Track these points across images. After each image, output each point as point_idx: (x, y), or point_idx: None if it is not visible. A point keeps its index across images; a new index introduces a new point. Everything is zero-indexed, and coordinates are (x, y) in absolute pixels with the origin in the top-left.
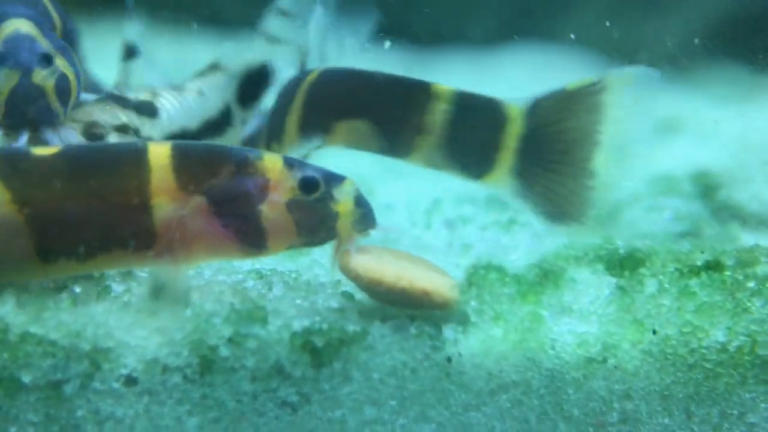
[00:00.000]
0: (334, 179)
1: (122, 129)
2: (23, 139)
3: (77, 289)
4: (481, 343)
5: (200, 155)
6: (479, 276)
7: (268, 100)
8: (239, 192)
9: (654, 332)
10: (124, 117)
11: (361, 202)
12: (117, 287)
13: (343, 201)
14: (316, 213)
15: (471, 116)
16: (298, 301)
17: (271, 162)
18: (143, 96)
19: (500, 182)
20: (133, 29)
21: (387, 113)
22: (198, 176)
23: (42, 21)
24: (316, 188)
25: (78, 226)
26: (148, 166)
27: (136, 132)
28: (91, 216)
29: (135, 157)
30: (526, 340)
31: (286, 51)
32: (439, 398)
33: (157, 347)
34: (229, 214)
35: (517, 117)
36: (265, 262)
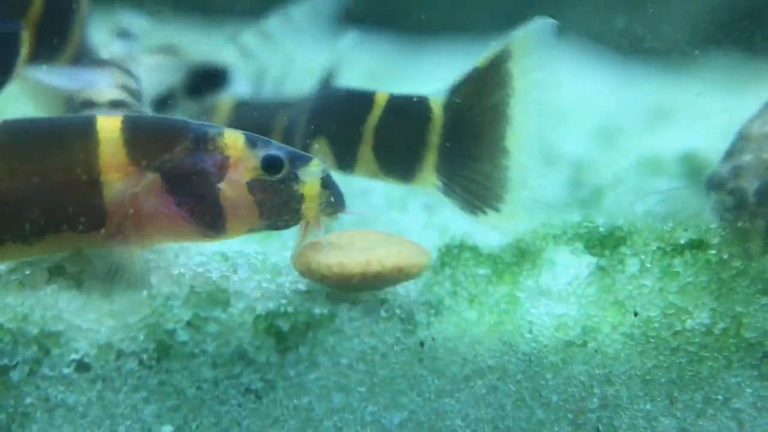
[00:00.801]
0: (299, 159)
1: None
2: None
3: (27, 271)
4: (455, 326)
5: (154, 128)
6: (452, 256)
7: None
8: (195, 169)
9: (635, 314)
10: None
11: (328, 184)
12: (70, 268)
13: (309, 182)
14: (280, 194)
15: (400, 119)
16: (264, 284)
17: (232, 138)
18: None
19: (428, 182)
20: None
21: (336, 129)
22: (151, 151)
23: None
24: (279, 168)
25: (23, 206)
26: (96, 139)
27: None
28: (36, 195)
29: (82, 130)
30: (502, 322)
31: (250, 67)
32: (410, 384)
33: (111, 331)
34: (184, 193)
35: (438, 110)
36: (231, 244)
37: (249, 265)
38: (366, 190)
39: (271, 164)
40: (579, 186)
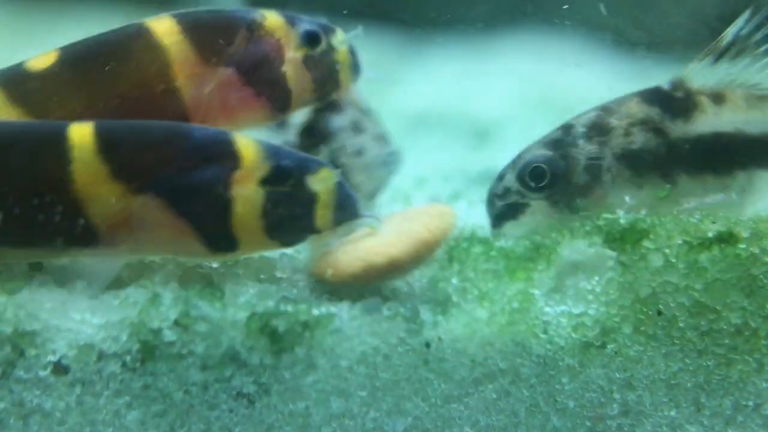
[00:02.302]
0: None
1: None
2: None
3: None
4: (464, 326)
5: (213, 24)
6: (461, 250)
7: None
8: (263, 56)
9: (659, 313)
10: None
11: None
12: (48, 263)
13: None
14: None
15: None
16: (259, 281)
17: (273, 20)
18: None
19: None
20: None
21: None
22: (217, 47)
23: None
24: (318, 42)
25: None
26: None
27: None
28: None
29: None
30: (515, 322)
31: None
32: (415, 389)
33: (92, 330)
34: (258, 81)
35: None
36: None
37: (245, 260)
38: None
39: (312, 39)
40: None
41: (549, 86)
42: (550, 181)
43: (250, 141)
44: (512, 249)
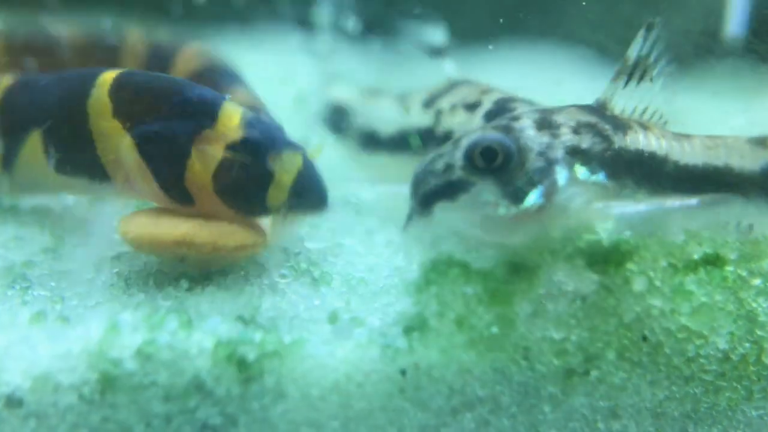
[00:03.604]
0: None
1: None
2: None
3: None
4: (441, 352)
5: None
6: (439, 272)
7: None
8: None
9: (644, 339)
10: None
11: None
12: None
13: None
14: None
15: None
16: (234, 303)
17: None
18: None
19: None
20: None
21: None
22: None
23: None
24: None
25: None
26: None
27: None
28: None
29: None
30: (495, 348)
31: None
32: (390, 419)
33: (47, 360)
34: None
35: None
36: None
37: (217, 280)
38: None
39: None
40: None
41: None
42: (502, 162)
43: (238, 109)
44: (491, 271)
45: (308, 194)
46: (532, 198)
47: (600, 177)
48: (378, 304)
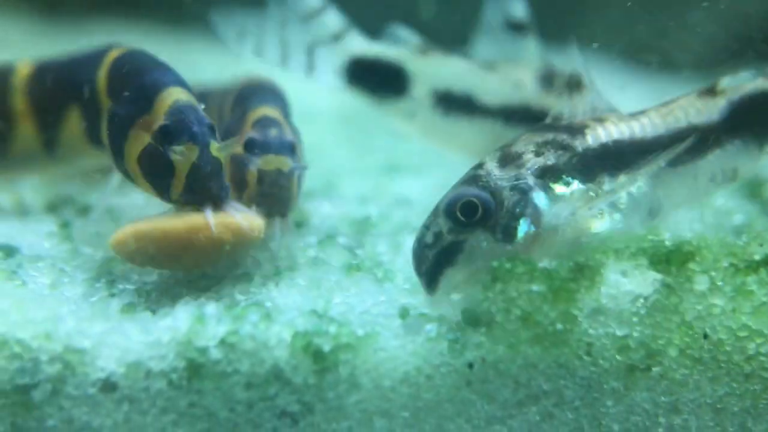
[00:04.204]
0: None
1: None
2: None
3: (65, 280)
4: (508, 347)
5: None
6: (504, 270)
7: None
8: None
9: (705, 336)
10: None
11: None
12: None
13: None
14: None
15: None
16: (304, 298)
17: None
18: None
19: None
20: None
21: None
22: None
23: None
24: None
25: None
26: None
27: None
28: None
29: None
30: (559, 344)
31: None
32: (458, 410)
33: (140, 348)
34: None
35: None
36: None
37: (290, 278)
38: (406, 200)
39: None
40: None
41: None
42: (483, 211)
43: (175, 96)
44: (555, 269)
45: (198, 190)
46: (522, 230)
47: (576, 184)
48: (444, 300)
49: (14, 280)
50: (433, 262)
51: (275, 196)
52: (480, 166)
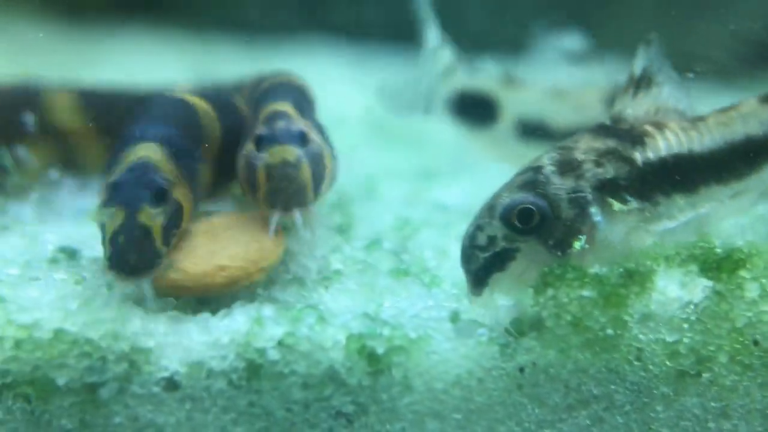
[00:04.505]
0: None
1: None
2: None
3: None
4: (558, 352)
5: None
6: (555, 276)
7: None
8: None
9: (755, 343)
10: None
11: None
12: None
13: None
14: None
15: None
16: (355, 302)
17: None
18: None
19: None
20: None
21: None
22: None
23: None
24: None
25: None
26: None
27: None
28: None
29: None
30: (609, 349)
31: None
32: (509, 413)
33: (202, 348)
34: None
35: None
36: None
37: (341, 283)
38: (443, 206)
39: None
40: None
41: None
42: (539, 220)
43: (137, 154)
44: (606, 275)
45: (115, 255)
46: (577, 245)
47: (632, 204)
48: (491, 304)
49: (79, 282)
50: (483, 264)
51: (286, 189)
52: (538, 169)
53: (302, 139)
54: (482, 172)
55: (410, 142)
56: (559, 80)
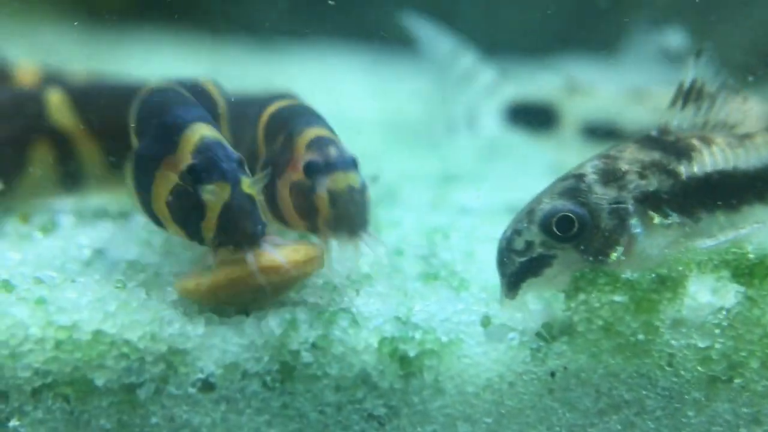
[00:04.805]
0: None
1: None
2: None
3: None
4: (589, 356)
5: None
6: (587, 281)
7: None
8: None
9: None
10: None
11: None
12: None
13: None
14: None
15: None
16: (386, 305)
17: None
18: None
19: None
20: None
21: None
22: None
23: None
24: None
25: None
26: None
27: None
28: None
29: None
30: (640, 354)
31: None
32: (540, 417)
33: (237, 350)
34: None
35: None
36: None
37: (371, 286)
38: (465, 210)
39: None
40: None
41: None
42: (578, 229)
43: (199, 133)
44: (638, 281)
45: (231, 231)
46: (614, 257)
47: (673, 218)
48: (523, 308)
49: (116, 284)
50: (519, 269)
51: (353, 215)
52: (581, 177)
53: (356, 163)
54: (503, 176)
55: (429, 146)
56: (642, 81)
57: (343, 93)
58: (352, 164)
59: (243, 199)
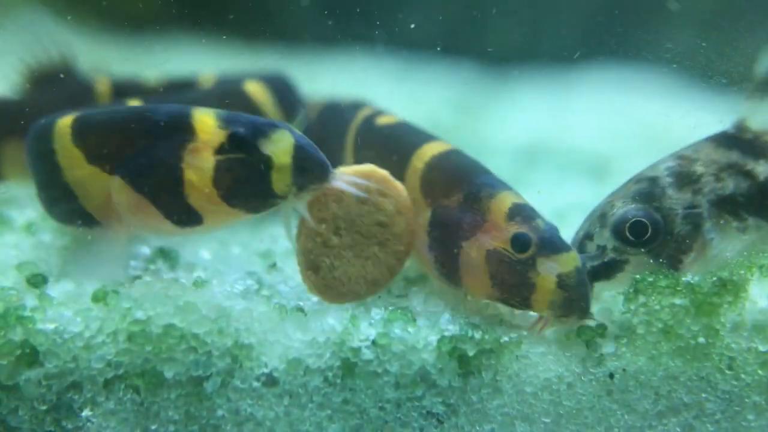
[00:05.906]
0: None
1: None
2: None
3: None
4: (649, 358)
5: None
6: (647, 284)
7: None
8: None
9: None
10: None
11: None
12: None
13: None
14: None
15: None
16: (445, 304)
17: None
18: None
19: None
20: None
21: None
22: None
23: None
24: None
25: None
26: None
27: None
28: None
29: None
30: (700, 357)
31: None
32: (599, 418)
33: (299, 346)
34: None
35: None
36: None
37: (429, 285)
38: None
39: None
40: None
41: (643, 120)
42: (652, 235)
43: (208, 112)
44: (698, 284)
45: (309, 168)
46: (687, 261)
47: (749, 221)
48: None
49: (184, 281)
50: (590, 272)
51: (584, 297)
52: (655, 180)
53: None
54: (537, 183)
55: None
56: None
57: (374, 99)
58: (564, 241)
59: (304, 137)
